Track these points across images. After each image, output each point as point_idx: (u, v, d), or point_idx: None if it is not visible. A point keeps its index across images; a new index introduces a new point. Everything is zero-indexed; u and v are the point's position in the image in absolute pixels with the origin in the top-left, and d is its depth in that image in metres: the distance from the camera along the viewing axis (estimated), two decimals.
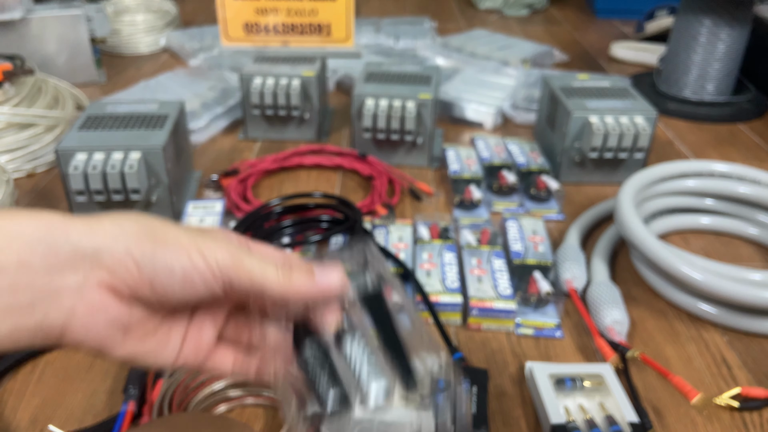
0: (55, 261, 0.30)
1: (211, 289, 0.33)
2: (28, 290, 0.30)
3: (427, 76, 1.03)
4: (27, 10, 1.22)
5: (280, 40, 1.12)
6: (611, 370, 0.59)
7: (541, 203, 0.89)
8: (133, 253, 0.31)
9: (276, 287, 0.33)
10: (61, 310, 0.31)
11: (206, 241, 0.32)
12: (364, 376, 0.33)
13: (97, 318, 0.32)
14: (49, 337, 0.31)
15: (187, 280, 0.32)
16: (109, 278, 0.31)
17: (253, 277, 0.33)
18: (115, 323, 0.32)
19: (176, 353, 0.36)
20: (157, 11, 1.58)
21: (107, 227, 0.32)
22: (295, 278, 0.34)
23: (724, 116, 1.19)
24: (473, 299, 0.68)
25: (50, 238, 0.30)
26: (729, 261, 0.76)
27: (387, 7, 1.89)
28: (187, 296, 0.33)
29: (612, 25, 1.75)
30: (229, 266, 0.32)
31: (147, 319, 0.34)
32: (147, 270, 0.31)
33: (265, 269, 0.33)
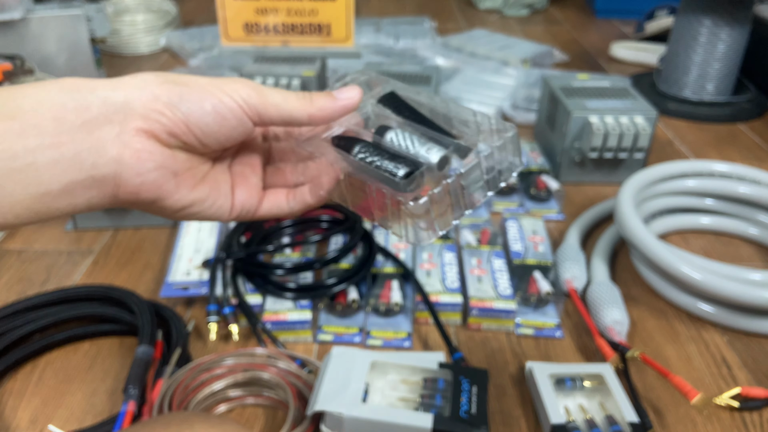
0: (89, 115, 0.31)
1: (242, 123, 0.34)
2: (71, 144, 0.31)
3: (427, 76, 1.03)
4: (27, 10, 1.22)
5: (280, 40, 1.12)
6: (611, 370, 0.59)
7: (541, 203, 0.89)
8: (161, 98, 0.32)
9: (301, 111, 0.35)
10: (109, 160, 0.32)
11: (226, 82, 0.34)
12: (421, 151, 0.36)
13: (146, 164, 0.33)
14: (104, 191, 0.32)
15: (218, 114, 0.33)
16: (145, 124, 0.32)
17: (279, 106, 0.35)
18: (163, 167, 0.33)
19: (230, 201, 0.37)
20: (157, 11, 1.58)
21: (129, 81, 0.33)
22: (317, 99, 0.36)
23: (724, 116, 1.19)
24: (473, 299, 0.68)
25: (78, 95, 0.31)
26: (729, 261, 0.76)
27: (387, 7, 1.89)
28: (223, 133, 0.34)
29: (612, 25, 1.75)
30: (254, 100, 0.34)
31: (194, 167, 0.35)
32: (179, 111, 0.33)
33: (287, 98, 0.35)
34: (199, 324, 0.68)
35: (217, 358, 0.59)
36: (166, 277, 0.72)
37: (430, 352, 0.64)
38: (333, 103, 0.36)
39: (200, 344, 0.65)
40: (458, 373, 0.57)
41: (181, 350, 0.61)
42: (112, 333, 0.66)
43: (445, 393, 0.56)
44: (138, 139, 0.32)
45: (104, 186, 0.32)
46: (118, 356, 0.64)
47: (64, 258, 0.79)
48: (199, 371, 0.58)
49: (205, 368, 0.58)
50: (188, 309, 0.70)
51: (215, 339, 0.65)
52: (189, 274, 0.72)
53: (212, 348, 0.65)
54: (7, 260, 0.78)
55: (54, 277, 0.76)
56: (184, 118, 0.33)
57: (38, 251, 0.80)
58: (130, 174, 0.32)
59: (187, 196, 0.35)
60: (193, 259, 0.74)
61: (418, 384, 0.56)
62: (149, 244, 0.81)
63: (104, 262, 0.78)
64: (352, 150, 0.37)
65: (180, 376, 0.57)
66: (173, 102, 0.33)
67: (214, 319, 0.65)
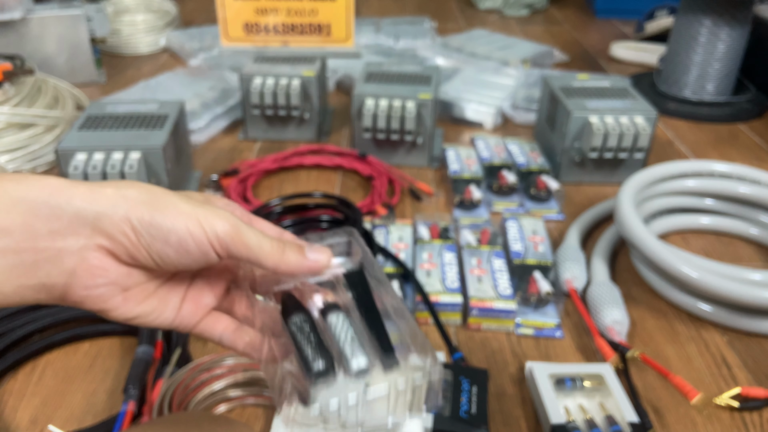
0: (58, 225, 0.32)
1: (206, 256, 0.34)
2: (32, 252, 0.31)
3: (427, 76, 1.03)
4: (27, 10, 1.22)
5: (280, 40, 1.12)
6: (611, 370, 0.59)
7: (541, 203, 0.89)
8: (131, 220, 0.32)
9: (270, 260, 0.35)
10: (63, 271, 0.32)
11: (206, 210, 0.34)
12: (348, 351, 0.35)
13: (97, 280, 0.33)
14: (52, 295, 0.33)
15: (182, 246, 0.33)
16: (108, 243, 0.33)
17: (250, 248, 0.34)
18: (114, 285, 0.34)
19: (174, 315, 0.37)
20: (157, 11, 1.58)
21: (109, 193, 0.33)
22: (288, 253, 0.36)
23: (724, 116, 1.19)
24: (473, 299, 0.68)
25: (53, 202, 0.31)
26: (729, 261, 0.76)
27: (387, 7, 1.89)
28: (183, 262, 0.34)
29: (612, 25, 1.75)
30: (228, 238, 0.34)
31: (147, 282, 0.36)
32: (144, 237, 0.33)
33: (261, 242, 0.35)
34: None
35: (217, 358, 0.59)
36: None
37: None
38: (301, 262, 0.36)
39: (200, 344, 0.65)
40: (458, 373, 0.57)
41: (181, 350, 0.61)
42: (112, 333, 0.66)
43: (444, 393, 0.56)
44: (97, 255, 0.33)
45: (53, 291, 0.33)
46: (118, 356, 0.64)
47: None
48: (199, 371, 0.58)
49: (205, 368, 0.58)
50: None
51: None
52: None
53: (212, 348, 0.65)
54: None
55: None
56: (146, 246, 0.33)
57: None
58: (79, 286, 0.33)
59: (132, 309, 0.35)
60: None
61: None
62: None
63: None
64: (289, 317, 0.37)
65: (180, 376, 0.57)
66: (141, 229, 0.33)
67: None
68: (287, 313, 0.37)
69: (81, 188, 0.32)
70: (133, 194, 0.33)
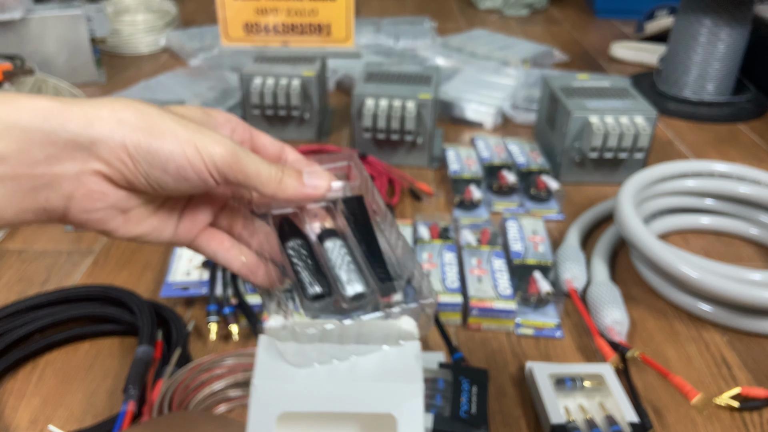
0: (53, 150, 0.31)
1: (204, 182, 0.34)
2: (29, 178, 0.31)
3: (427, 76, 1.03)
4: (27, 10, 1.22)
5: (280, 40, 1.12)
6: (611, 370, 0.59)
7: (541, 203, 0.89)
8: (128, 147, 0.32)
9: (267, 187, 0.35)
10: (61, 196, 0.32)
11: (204, 135, 0.33)
12: (343, 277, 0.35)
13: (96, 204, 0.33)
14: (52, 218, 0.33)
15: (180, 174, 0.33)
16: (105, 169, 0.32)
17: (248, 175, 0.34)
18: (114, 208, 0.34)
19: (173, 232, 0.38)
20: (157, 11, 1.58)
21: (105, 117, 0.32)
22: (286, 180, 0.36)
23: (724, 116, 1.19)
24: (473, 299, 0.68)
25: (47, 127, 0.31)
26: (729, 261, 0.76)
27: (387, 7, 1.89)
28: (181, 189, 0.34)
29: (612, 25, 1.75)
30: (226, 164, 0.33)
31: (146, 204, 0.36)
32: (141, 164, 0.32)
33: (259, 168, 0.34)
34: (199, 324, 0.68)
35: (217, 358, 0.59)
36: (166, 277, 0.72)
37: (429, 352, 0.64)
38: (299, 189, 0.36)
39: (200, 344, 0.65)
40: (458, 373, 0.57)
41: (181, 350, 0.61)
42: (112, 333, 0.66)
43: (445, 393, 0.56)
44: (94, 179, 0.33)
45: (53, 215, 0.33)
46: (118, 356, 0.64)
47: (64, 258, 0.79)
48: (199, 371, 0.58)
49: (205, 368, 0.58)
50: (188, 309, 0.70)
51: (215, 339, 0.65)
52: (189, 274, 0.72)
53: (212, 348, 0.65)
54: (7, 260, 0.78)
55: (54, 277, 0.76)
56: (144, 173, 0.33)
57: (38, 251, 0.80)
58: (78, 210, 0.33)
59: (133, 230, 0.36)
60: (193, 259, 0.74)
61: None
62: (149, 244, 0.81)
63: (104, 262, 0.78)
64: (287, 241, 0.37)
65: (180, 376, 0.57)
66: (138, 156, 0.32)
67: (214, 319, 0.65)
68: (284, 238, 0.37)
69: (75, 110, 0.31)
70: (130, 118, 0.32)
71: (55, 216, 0.33)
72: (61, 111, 0.31)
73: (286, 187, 0.36)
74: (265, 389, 0.33)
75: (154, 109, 0.33)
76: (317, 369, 0.34)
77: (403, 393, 0.33)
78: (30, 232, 0.84)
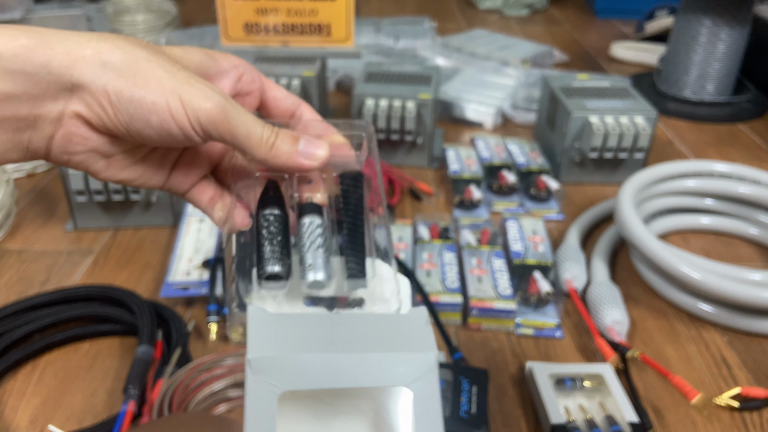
0: (36, 90, 0.30)
1: (189, 138, 0.32)
2: (13, 120, 0.30)
3: (427, 76, 1.03)
4: (27, 10, 1.22)
5: (280, 40, 1.12)
6: (611, 370, 0.59)
7: (541, 203, 0.89)
8: (109, 94, 0.30)
9: (258, 151, 0.32)
10: (43, 137, 0.32)
11: (192, 87, 0.31)
12: (308, 259, 0.33)
13: (76, 147, 0.32)
14: (36, 157, 0.32)
15: (163, 127, 0.31)
16: (86, 111, 0.31)
17: (236, 136, 0.32)
18: (95, 152, 0.33)
19: (163, 181, 0.36)
20: (157, 11, 1.58)
21: (88, 58, 0.30)
22: (278, 145, 0.33)
23: (724, 116, 1.19)
24: (473, 299, 0.68)
25: (30, 68, 0.29)
26: (729, 261, 0.76)
27: (387, 7, 1.89)
28: (165, 142, 0.32)
29: (612, 25, 1.75)
30: (210, 119, 0.31)
31: (130, 152, 0.34)
32: (122, 113, 0.31)
33: (250, 129, 0.32)
34: (199, 324, 0.68)
35: (217, 358, 0.59)
36: (166, 277, 0.72)
37: None
38: (292, 158, 0.33)
39: (200, 344, 0.65)
40: (458, 373, 0.57)
41: (181, 350, 0.61)
42: (112, 333, 0.66)
43: (445, 393, 0.56)
44: (74, 122, 0.31)
45: (36, 154, 0.32)
46: (118, 356, 0.64)
47: (64, 258, 0.79)
48: (199, 371, 0.58)
49: (205, 368, 0.58)
50: (188, 309, 0.70)
51: (215, 339, 0.65)
52: (189, 274, 0.72)
53: (212, 348, 0.65)
54: (7, 260, 0.78)
55: (54, 277, 0.76)
56: (125, 123, 0.31)
57: (38, 251, 0.80)
58: (59, 151, 0.32)
59: (117, 174, 0.34)
60: (193, 259, 0.74)
61: None
62: (149, 244, 0.81)
63: (104, 262, 0.78)
64: (263, 208, 0.34)
65: (180, 376, 0.57)
66: (119, 104, 0.30)
67: (214, 319, 0.65)
68: (262, 203, 0.35)
69: (57, 48, 0.30)
70: (114, 61, 0.30)
71: (39, 155, 0.32)
72: (44, 48, 0.30)
73: (278, 152, 0.33)
74: (262, 366, 0.29)
75: (143, 51, 0.31)
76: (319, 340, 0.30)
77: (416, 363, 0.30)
78: (30, 232, 0.84)
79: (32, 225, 0.85)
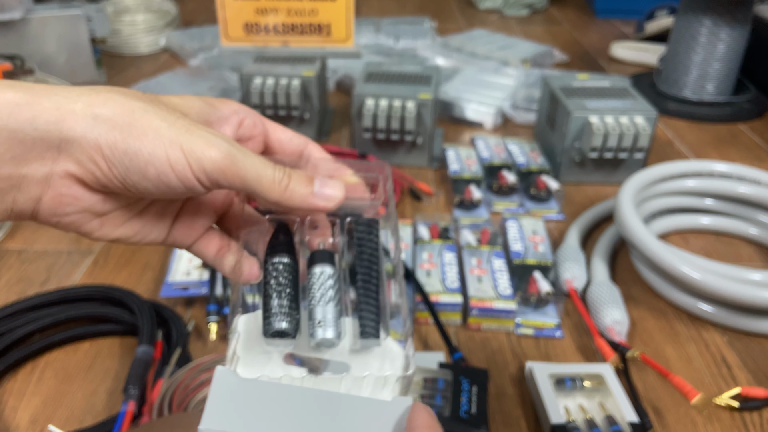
0: (20, 149, 0.28)
1: (191, 189, 0.30)
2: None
3: (427, 76, 1.03)
4: (27, 10, 1.22)
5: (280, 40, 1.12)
6: (611, 370, 0.59)
7: (541, 203, 0.89)
8: (102, 148, 0.28)
9: (271, 193, 0.31)
10: (29, 198, 0.30)
11: (193, 135, 0.29)
12: (318, 315, 0.31)
13: (66, 208, 0.30)
14: (22, 218, 0.31)
15: (162, 181, 0.29)
16: (77, 170, 0.29)
17: (246, 180, 0.30)
18: (87, 212, 0.31)
19: (164, 235, 0.34)
20: (157, 11, 1.58)
21: (79, 112, 0.28)
22: (293, 186, 0.31)
23: (724, 116, 1.19)
24: (473, 299, 0.68)
25: (14, 124, 0.28)
26: (729, 261, 0.76)
27: (387, 7, 1.89)
28: (165, 195, 0.30)
29: (612, 25, 1.75)
30: (216, 168, 0.29)
31: (127, 206, 0.32)
32: (117, 167, 0.29)
33: (260, 173, 0.30)
34: (199, 324, 0.68)
35: (218, 358, 0.59)
36: (166, 277, 0.72)
37: (429, 352, 0.64)
38: (308, 199, 0.31)
39: (200, 344, 0.65)
40: (458, 373, 0.57)
41: (181, 350, 0.61)
42: (112, 333, 0.66)
43: (444, 393, 0.56)
44: (65, 182, 0.29)
45: (22, 215, 0.30)
46: (118, 356, 0.64)
47: (64, 258, 0.79)
48: (199, 371, 0.58)
49: (205, 368, 0.58)
50: (188, 309, 0.70)
51: (215, 339, 0.65)
52: (189, 274, 0.72)
53: (212, 348, 0.65)
54: (7, 260, 0.78)
55: (54, 277, 0.76)
56: (120, 177, 0.29)
57: (38, 251, 0.80)
58: (47, 213, 0.30)
59: (111, 233, 0.32)
60: (193, 259, 0.74)
61: (417, 384, 0.56)
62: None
63: (104, 262, 0.78)
64: (272, 256, 0.33)
65: (180, 376, 0.57)
66: (114, 158, 0.28)
67: (214, 319, 0.65)
68: (271, 250, 0.33)
69: (45, 103, 0.28)
70: (107, 113, 0.28)
71: (24, 217, 0.30)
72: (30, 104, 0.28)
73: (293, 194, 0.31)
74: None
75: (138, 102, 0.29)
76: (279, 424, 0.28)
77: None
78: (30, 232, 0.84)
79: (32, 225, 0.85)
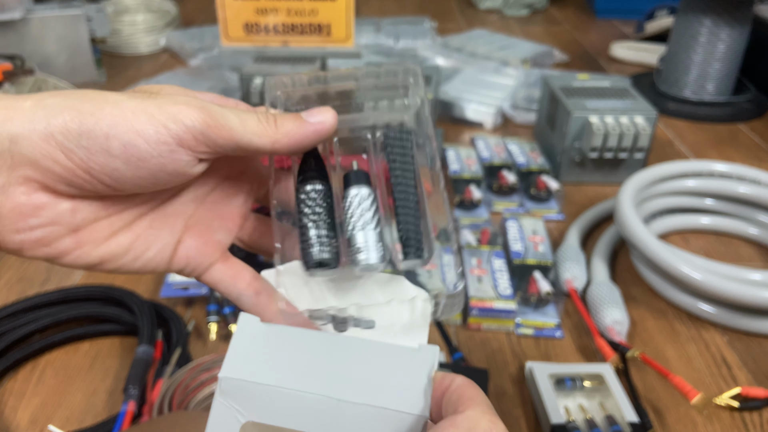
0: None
1: (177, 162, 0.26)
2: None
3: (427, 76, 1.03)
4: (27, 10, 1.22)
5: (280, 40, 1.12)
6: (611, 370, 0.59)
7: (541, 203, 0.89)
8: (54, 135, 0.24)
9: (263, 137, 0.27)
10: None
11: (159, 100, 0.25)
12: (359, 240, 0.29)
13: (29, 221, 0.25)
14: None
15: (131, 153, 0.25)
16: (34, 173, 0.25)
17: (233, 131, 0.26)
18: (56, 225, 0.26)
19: (169, 256, 0.29)
20: (157, 11, 1.58)
21: (26, 107, 0.25)
22: (283, 123, 0.28)
23: (724, 116, 1.19)
24: (473, 299, 0.68)
25: None
26: (729, 261, 0.76)
27: (387, 7, 1.89)
28: (143, 177, 0.26)
29: (612, 25, 1.75)
30: (202, 126, 0.25)
31: (110, 216, 0.27)
32: (76, 153, 0.24)
33: (245, 120, 0.27)
34: (199, 324, 0.68)
35: (217, 358, 0.59)
36: (166, 277, 0.72)
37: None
38: (302, 127, 0.28)
39: (200, 344, 0.65)
40: (458, 373, 0.57)
41: (181, 350, 0.61)
42: (112, 333, 0.66)
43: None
44: (23, 189, 0.25)
45: None
46: (118, 356, 0.64)
47: None
48: (199, 371, 0.58)
49: (205, 368, 0.58)
50: (188, 309, 0.70)
51: (215, 339, 0.65)
52: None
53: (212, 348, 0.65)
54: (7, 260, 0.78)
55: (54, 277, 0.76)
56: (82, 164, 0.25)
57: None
58: (9, 231, 0.25)
59: (91, 253, 0.27)
60: None
61: None
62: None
63: None
64: (304, 184, 0.30)
65: (180, 376, 0.57)
66: (69, 142, 0.24)
67: (214, 319, 0.65)
68: (303, 177, 0.30)
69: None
70: (56, 101, 0.25)
71: None
72: None
73: (287, 129, 0.28)
74: (232, 388, 0.26)
75: (92, 90, 0.26)
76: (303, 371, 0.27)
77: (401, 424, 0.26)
78: None
79: None
